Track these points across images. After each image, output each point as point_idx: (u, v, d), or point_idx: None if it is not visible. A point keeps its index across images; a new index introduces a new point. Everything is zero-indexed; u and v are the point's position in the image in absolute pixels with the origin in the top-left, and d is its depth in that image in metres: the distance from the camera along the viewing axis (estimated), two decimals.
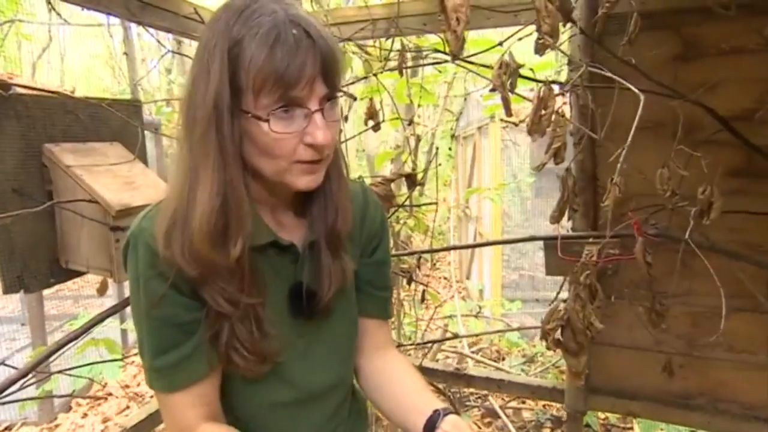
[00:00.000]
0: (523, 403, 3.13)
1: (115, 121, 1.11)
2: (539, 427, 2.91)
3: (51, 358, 0.92)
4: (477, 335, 2.83)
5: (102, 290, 1.06)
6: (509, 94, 0.65)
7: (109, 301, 2.82)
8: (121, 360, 1.31)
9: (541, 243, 1.21)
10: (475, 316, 2.97)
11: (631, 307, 1.20)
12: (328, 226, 0.73)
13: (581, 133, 1.12)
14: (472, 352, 3.25)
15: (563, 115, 0.65)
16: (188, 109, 0.64)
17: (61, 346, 0.88)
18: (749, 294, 1.07)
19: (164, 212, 0.65)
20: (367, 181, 1.31)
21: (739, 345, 1.16)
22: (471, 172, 5.17)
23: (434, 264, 6.01)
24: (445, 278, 5.65)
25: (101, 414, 3.11)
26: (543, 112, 0.63)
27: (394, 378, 0.83)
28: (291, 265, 0.74)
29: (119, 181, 0.95)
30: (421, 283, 1.26)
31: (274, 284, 0.72)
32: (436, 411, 0.73)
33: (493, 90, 0.66)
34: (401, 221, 1.76)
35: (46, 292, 4.25)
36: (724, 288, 0.88)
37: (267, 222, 0.71)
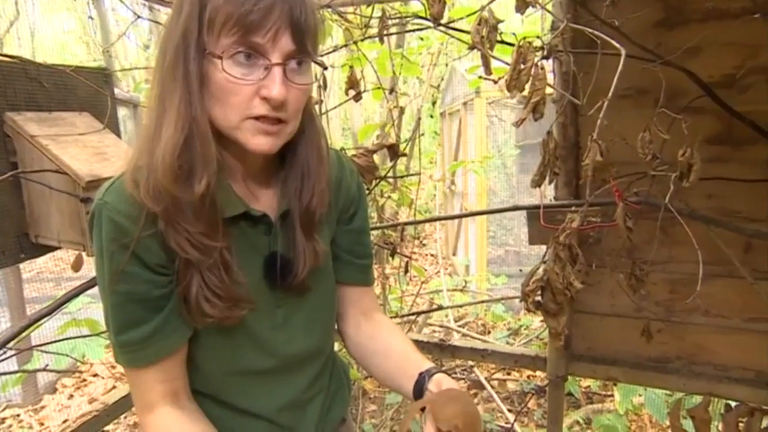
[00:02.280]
0: (508, 374, 3.20)
1: (83, 90, 1.06)
2: (523, 396, 2.99)
3: (33, 341, 0.90)
4: (461, 306, 2.87)
5: (76, 266, 1.04)
6: (489, 51, 0.63)
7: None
8: (98, 335, 1.29)
9: (525, 219, 1.20)
10: (461, 291, 3.01)
11: (612, 275, 1.22)
12: (303, 205, 0.72)
13: (563, 100, 1.11)
14: (459, 326, 3.30)
15: (543, 68, 0.64)
16: (162, 42, 0.63)
17: (33, 321, 0.85)
18: (725, 260, 1.09)
19: (135, 150, 0.64)
20: (350, 153, 1.29)
21: (714, 309, 1.19)
22: (457, 148, 5.16)
23: (421, 241, 6.04)
24: (431, 255, 5.69)
25: (87, 395, 3.10)
26: (522, 66, 0.62)
27: (381, 343, 0.83)
28: (264, 236, 0.72)
29: (89, 151, 0.91)
30: (405, 256, 1.26)
31: (249, 256, 0.70)
32: (421, 374, 0.73)
33: (472, 48, 0.64)
34: (385, 195, 1.75)
35: (26, 274, 4.17)
36: (701, 254, 0.89)
37: (238, 192, 0.69)
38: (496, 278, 3.73)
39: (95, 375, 3.27)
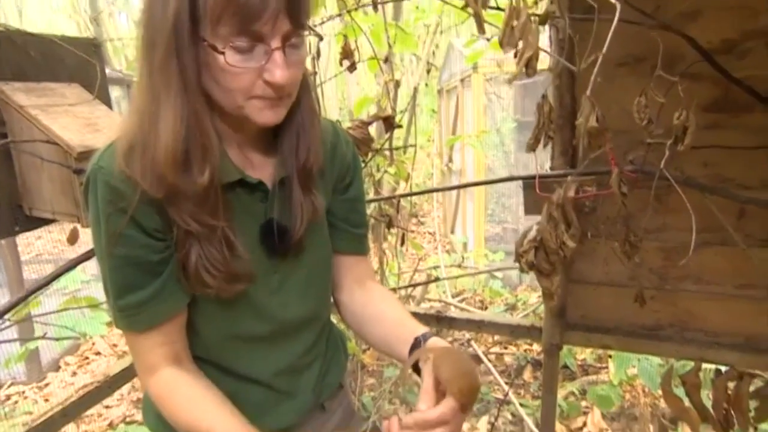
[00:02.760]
0: (505, 348, 3.25)
1: (72, 61, 1.04)
2: (520, 369, 3.04)
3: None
4: (458, 277, 2.90)
5: (72, 239, 1.04)
6: (482, 9, 0.62)
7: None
8: (97, 306, 1.30)
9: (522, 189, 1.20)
10: (459, 266, 3.03)
11: (607, 244, 1.23)
12: (300, 162, 0.72)
13: (560, 68, 1.09)
14: (457, 302, 3.34)
15: (536, 23, 0.63)
16: (146, 32, 0.60)
17: (31, 292, 0.86)
18: (718, 228, 1.09)
19: (124, 136, 0.62)
20: (345, 126, 1.28)
21: (706, 277, 1.20)
22: (454, 126, 5.12)
23: (419, 220, 6.05)
24: (430, 233, 5.72)
25: (90, 372, 3.15)
26: (515, 23, 0.61)
27: (375, 311, 0.84)
28: (260, 203, 0.73)
29: (80, 122, 0.90)
30: (401, 228, 1.27)
31: (245, 223, 0.71)
32: (417, 339, 0.74)
33: (465, 7, 0.63)
34: (381, 169, 1.74)
35: (25, 256, 4.19)
36: (695, 222, 0.90)
37: (234, 160, 0.70)
38: (493, 254, 3.75)
39: (98, 353, 3.31)
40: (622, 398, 2.49)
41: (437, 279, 1.47)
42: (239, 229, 0.68)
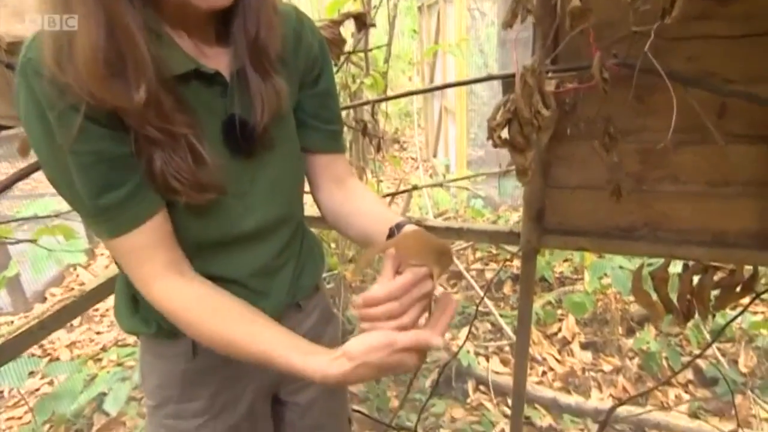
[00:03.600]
0: (486, 264, 3.36)
1: None
2: (500, 284, 3.17)
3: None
4: (434, 185, 2.92)
5: (23, 151, 0.97)
6: None
7: None
8: (57, 213, 1.26)
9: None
10: (440, 185, 3.03)
11: (586, 146, 1.21)
12: (250, 41, 0.65)
13: None
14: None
15: None
16: None
17: None
18: (697, 127, 1.08)
19: (47, 35, 0.54)
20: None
21: (683, 176, 1.21)
22: (436, 44, 4.89)
23: (402, 145, 5.97)
24: (412, 158, 5.67)
25: None
26: None
27: (353, 207, 0.82)
28: (220, 98, 0.67)
29: (4, 12, 0.80)
30: (376, 136, 1.22)
31: (207, 121, 0.66)
32: (391, 229, 0.73)
33: None
34: (357, 80, 1.65)
35: None
36: (675, 121, 0.87)
37: (186, 50, 0.63)
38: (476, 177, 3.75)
39: (82, 284, 3.33)
40: (595, 305, 2.62)
41: (416, 188, 1.46)
42: (202, 130, 0.63)
